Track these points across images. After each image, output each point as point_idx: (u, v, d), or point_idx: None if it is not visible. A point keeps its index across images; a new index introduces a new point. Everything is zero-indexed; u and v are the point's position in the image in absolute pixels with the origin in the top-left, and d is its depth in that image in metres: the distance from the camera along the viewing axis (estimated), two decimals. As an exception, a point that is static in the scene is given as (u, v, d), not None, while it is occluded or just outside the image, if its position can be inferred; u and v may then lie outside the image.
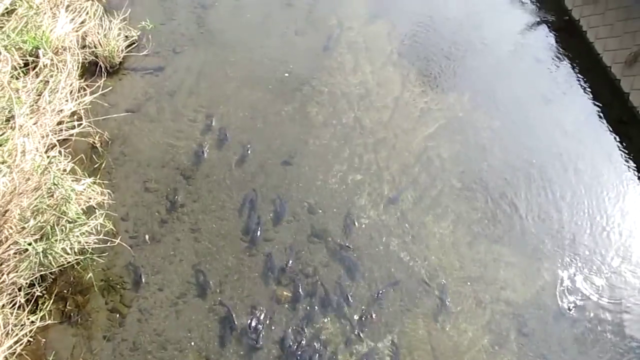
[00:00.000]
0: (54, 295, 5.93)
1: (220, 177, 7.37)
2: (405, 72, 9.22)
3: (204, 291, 6.28)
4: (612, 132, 8.85)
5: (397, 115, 8.47)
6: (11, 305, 5.53)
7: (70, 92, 7.57)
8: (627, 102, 9.12)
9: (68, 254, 5.92)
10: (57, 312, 5.92)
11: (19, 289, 5.66)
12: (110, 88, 8.08)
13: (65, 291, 6.07)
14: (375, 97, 8.69)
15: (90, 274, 6.13)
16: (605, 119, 9.05)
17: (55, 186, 6.04)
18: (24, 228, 5.70)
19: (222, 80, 8.63)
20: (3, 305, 5.41)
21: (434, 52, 9.71)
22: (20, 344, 5.41)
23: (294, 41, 9.55)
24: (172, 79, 8.52)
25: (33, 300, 5.76)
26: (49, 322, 5.70)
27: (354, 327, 6.17)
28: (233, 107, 8.25)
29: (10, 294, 5.56)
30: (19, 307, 5.57)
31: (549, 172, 8.05)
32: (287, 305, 6.29)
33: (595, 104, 9.27)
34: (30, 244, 5.60)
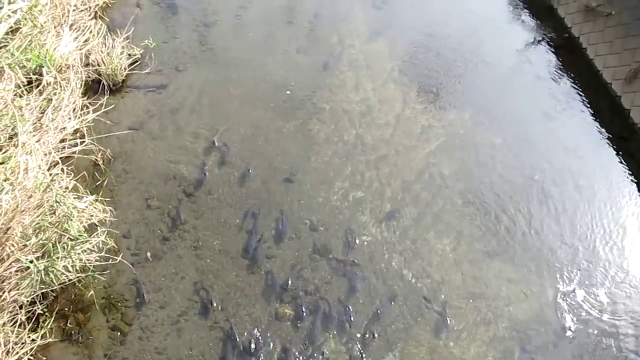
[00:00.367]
0: (55, 313, 5.90)
1: (222, 194, 7.37)
2: (406, 90, 9.27)
3: (206, 309, 6.25)
4: (613, 148, 8.89)
5: (399, 132, 8.49)
6: (12, 323, 5.50)
7: (73, 110, 7.60)
8: (628, 118, 9.15)
9: (69, 271, 5.90)
10: (58, 330, 5.89)
11: (20, 307, 5.64)
12: (113, 106, 8.11)
13: (66, 309, 6.05)
14: (376, 114, 8.72)
15: (92, 292, 6.10)
16: (606, 135, 9.08)
17: (58, 204, 6.04)
18: (25, 245, 5.68)
19: (224, 97, 8.67)
20: (4, 323, 5.39)
21: (434, 70, 9.76)
22: (21, 363, 5.39)
23: (296, 59, 9.61)
24: (174, 97, 8.56)
25: (34, 318, 5.73)
26: (50, 340, 5.67)
27: (357, 345, 6.13)
28: (235, 124, 8.28)
29: (11, 311, 5.54)
30: (19, 325, 5.54)
31: (551, 188, 8.05)
32: (289, 323, 6.26)
33: (595, 121, 9.31)
34: (31, 262, 5.58)
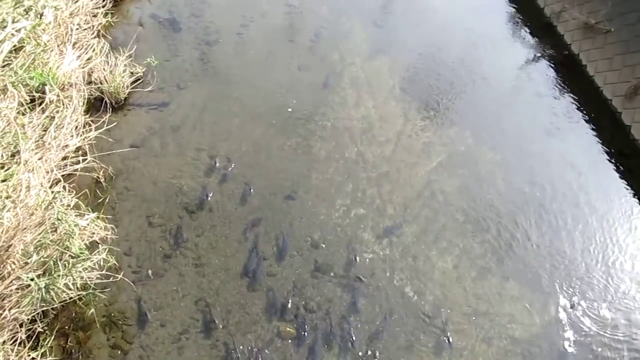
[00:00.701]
0: (55, 331, 5.87)
1: (223, 211, 7.37)
2: (407, 107, 9.30)
3: (207, 327, 6.22)
4: (614, 164, 8.90)
5: (400, 150, 8.51)
6: (12, 341, 5.47)
7: (76, 128, 7.63)
8: (629, 134, 9.17)
9: (70, 289, 5.88)
10: (58, 349, 5.85)
11: (21, 325, 5.61)
12: (115, 123, 8.14)
13: (66, 327, 6.02)
14: (377, 132, 8.75)
15: (92, 310, 6.08)
16: (607, 151, 9.10)
17: (59, 221, 6.06)
18: (26, 263, 5.68)
19: (225, 115, 8.70)
20: (4, 342, 5.36)
21: (435, 87, 9.81)
22: (21, 382, 5.35)
23: (297, 76, 9.67)
24: (176, 114, 8.60)
25: (34, 337, 5.71)
26: (50, 358, 5.63)
27: (359, 364, 6.11)
28: (236, 142, 8.30)
29: (11, 329, 5.51)
30: (19, 343, 5.51)
31: (552, 205, 8.05)
32: (290, 341, 6.22)
33: (596, 137, 9.34)
34: (32, 280, 5.57)
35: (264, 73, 9.61)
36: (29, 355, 5.49)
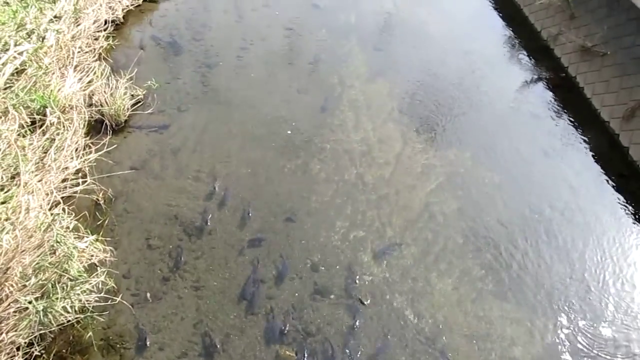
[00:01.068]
0: (52, 355, 5.79)
1: (223, 234, 7.35)
2: (406, 129, 9.35)
3: (206, 351, 6.15)
4: (613, 186, 8.92)
5: (399, 172, 8.53)
6: (9, 365, 5.43)
7: (76, 150, 7.66)
8: (627, 156, 9.23)
9: (68, 312, 5.83)
10: (55, 373, 5.80)
11: (18, 349, 5.54)
12: (116, 145, 8.17)
13: (64, 351, 5.94)
14: (376, 154, 8.78)
15: (90, 333, 6.01)
16: (606, 173, 9.13)
17: (58, 244, 6.03)
18: (24, 286, 5.64)
19: (225, 137, 8.73)
20: (1, 366, 5.32)
21: (433, 109, 9.88)
22: (17, 407, 5.29)
23: (297, 99, 9.73)
24: (176, 137, 8.63)
25: (31, 360, 5.66)
26: (47, 383, 5.59)
27: (359, 388, 6.05)
28: (236, 164, 8.32)
29: (8, 353, 5.45)
30: (16, 367, 5.46)
31: (552, 226, 8.05)
32: (290, 365, 6.17)
33: (595, 159, 9.38)
34: (30, 302, 5.53)
35: (263, 96, 9.68)
36: (26, 380, 5.44)
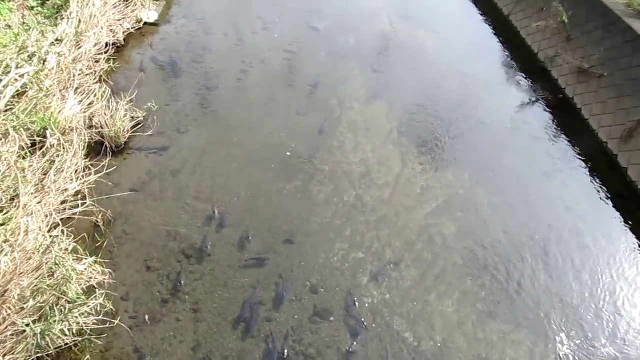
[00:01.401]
0: (49, 379, 5.77)
1: (222, 256, 7.32)
2: (405, 150, 9.38)
3: (204, 374, 6.12)
4: (612, 206, 8.94)
5: (398, 193, 8.54)
6: (5, 389, 5.37)
7: (76, 172, 7.67)
8: (626, 176, 9.25)
9: (66, 335, 5.79)
10: (52, 397, 5.74)
11: (14, 372, 5.52)
12: (115, 167, 8.18)
13: (61, 374, 5.91)
14: (376, 175, 8.79)
15: (88, 356, 5.96)
16: (605, 193, 9.15)
17: (57, 266, 6.01)
18: (22, 309, 5.61)
19: (225, 159, 8.75)
20: (-3, 390, 5.26)
21: (432, 131, 9.92)
22: None
23: (296, 121, 9.77)
24: (175, 159, 8.65)
25: (28, 384, 5.60)
26: (44, 407, 5.53)
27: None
28: (236, 186, 8.32)
29: (5, 377, 5.42)
30: (13, 391, 5.41)
31: (552, 248, 8.04)
32: (289, 389, 6.11)
33: (593, 179, 9.40)
34: (28, 325, 5.50)
35: (263, 117, 9.72)
36: (22, 404, 5.38)
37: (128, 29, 11.29)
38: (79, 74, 9.24)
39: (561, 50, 11.76)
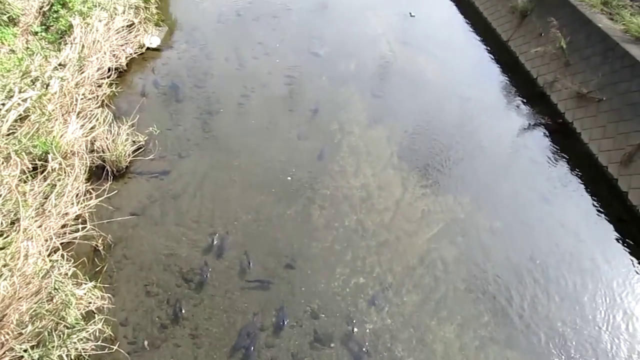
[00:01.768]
0: (46, 405, 5.69)
1: (222, 281, 7.29)
2: (405, 175, 9.39)
3: (203, 401, 6.04)
4: (614, 230, 8.91)
5: (399, 218, 8.52)
6: (1, 417, 5.31)
7: (76, 196, 7.67)
8: (626, 200, 9.25)
9: (64, 361, 5.75)
10: None
11: (11, 399, 5.45)
12: (116, 191, 8.19)
13: (58, 401, 5.83)
14: (376, 200, 8.79)
15: (86, 382, 5.92)
16: (606, 217, 9.14)
17: (56, 291, 5.99)
18: (21, 334, 5.58)
19: (226, 183, 8.76)
20: (-7, 417, 5.20)
21: (432, 155, 9.94)
22: None
23: (297, 145, 9.80)
24: (176, 183, 8.65)
25: (24, 412, 5.53)
26: None
27: None
28: (236, 210, 8.32)
29: (2, 404, 5.36)
30: (9, 418, 5.34)
31: (554, 272, 8.00)
32: (289, 417, 6.03)
33: (594, 203, 9.39)
34: (26, 351, 5.46)
35: (264, 142, 9.76)
36: None
37: (131, 54, 11.40)
38: (82, 98, 9.31)
39: (560, 75, 11.85)
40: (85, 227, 7.37)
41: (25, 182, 7.43)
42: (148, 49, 11.95)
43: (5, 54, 9.62)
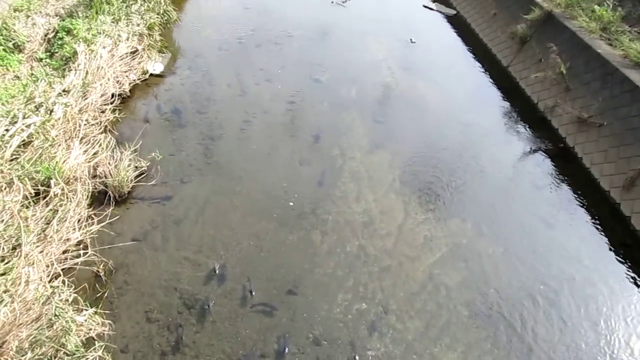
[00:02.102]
0: None
1: (224, 307, 7.23)
2: (407, 200, 9.39)
3: None
4: (617, 255, 8.89)
5: (401, 243, 8.50)
6: None
7: (78, 221, 7.66)
8: (629, 225, 9.24)
9: (64, 389, 5.69)
10: None
11: None
12: (118, 217, 8.18)
13: None
14: (378, 225, 8.77)
15: (85, 411, 5.85)
16: (609, 242, 9.13)
17: (56, 317, 5.95)
18: (20, 361, 5.53)
19: (227, 209, 8.75)
20: None
21: (434, 180, 9.96)
22: None
23: (299, 171, 9.83)
24: (178, 208, 8.65)
25: None
26: None
27: None
28: (238, 236, 8.29)
29: None
30: None
31: (557, 298, 7.96)
32: None
33: (597, 228, 9.39)
34: (25, 379, 5.41)
35: (266, 168, 9.78)
36: None
37: (134, 80, 11.49)
38: (85, 124, 9.34)
39: (560, 100, 11.93)
40: (87, 252, 7.35)
41: (27, 207, 7.43)
42: (151, 75, 12.05)
43: (10, 80, 9.72)
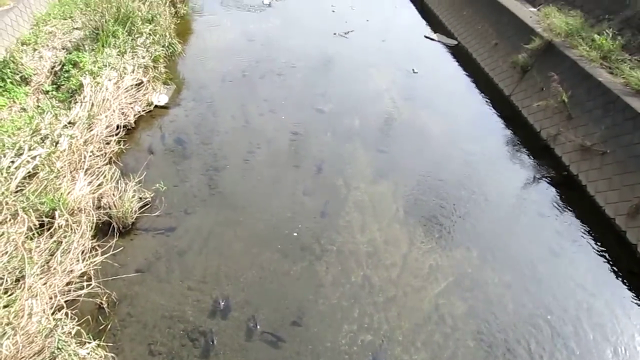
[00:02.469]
0: None
1: (228, 339, 7.17)
2: (411, 229, 9.36)
3: None
4: (624, 284, 8.80)
5: (406, 273, 8.44)
6: None
7: (82, 253, 7.66)
8: (636, 253, 9.17)
9: None
10: None
11: None
12: (122, 248, 8.17)
13: None
14: (383, 255, 8.73)
15: None
16: (616, 271, 9.03)
17: (59, 350, 5.90)
18: (22, 396, 5.47)
19: (231, 240, 8.74)
20: None
21: (438, 209, 9.94)
22: None
23: (302, 201, 9.83)
24: (182, 239, 8.64)
25: None
26: None
27: None
28: (242, 267, 8.26)
29: None
30: None
31: (565, 328, 7.84)
32: None
33: (603, 256, 9.30)
34: (26, 414, 5.34)
35: (269, 198, 9.79)
36: None
37: (139, 111, 11.61)
38: (90, 156, 9.42)
39: (563, 128, 11.97)
40: (90, 284, 7.32)
41: (31, 238, 7.44)
42: (156, 106, 12.18)
43: (16, 112, 9.83)
